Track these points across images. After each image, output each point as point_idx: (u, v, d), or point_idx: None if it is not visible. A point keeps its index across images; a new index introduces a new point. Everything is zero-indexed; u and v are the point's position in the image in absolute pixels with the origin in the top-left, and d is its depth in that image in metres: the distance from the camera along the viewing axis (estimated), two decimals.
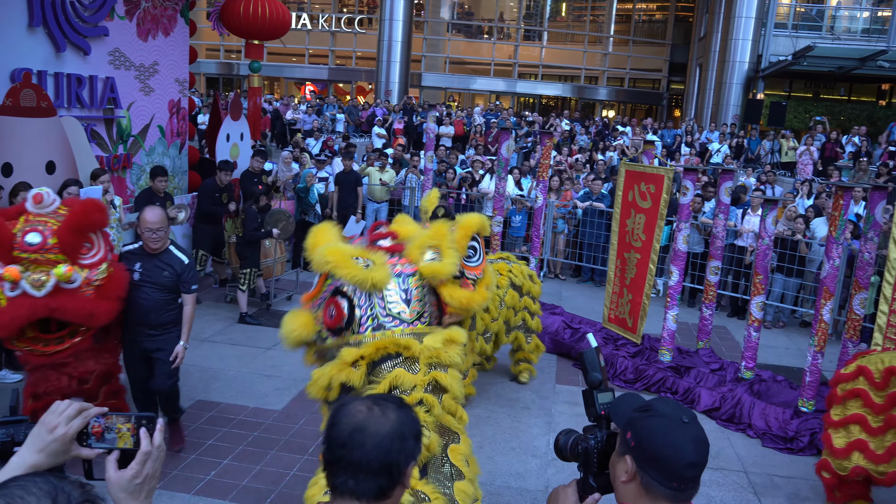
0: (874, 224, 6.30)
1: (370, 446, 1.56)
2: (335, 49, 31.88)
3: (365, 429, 1.57)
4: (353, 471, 1.56)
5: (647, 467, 1.64)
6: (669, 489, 1.63)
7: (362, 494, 1.57)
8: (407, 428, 1.63)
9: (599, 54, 33.05)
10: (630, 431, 1.70)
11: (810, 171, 16.22)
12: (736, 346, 8.56)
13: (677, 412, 1.67)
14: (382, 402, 1.65)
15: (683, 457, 1.61)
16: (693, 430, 1.65)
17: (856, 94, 27.18)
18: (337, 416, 1.61)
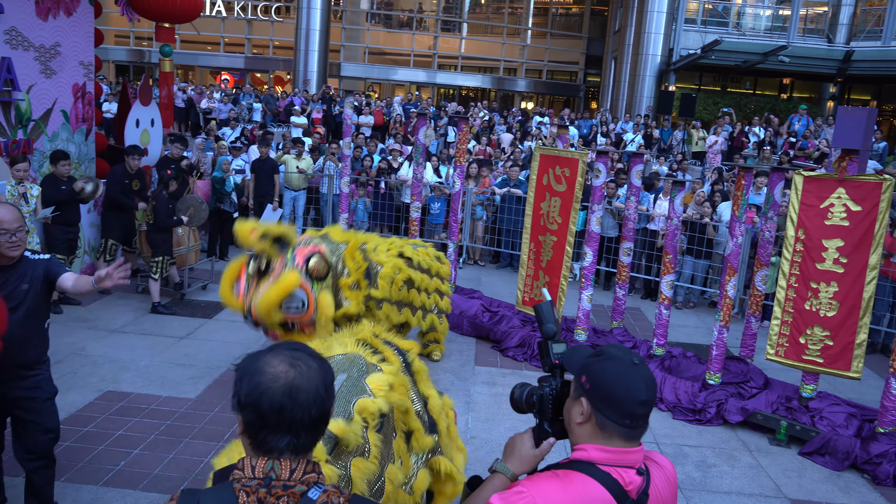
0: (774, 204, 6.60)
1: (310, 402, 1.56)
2: (251, 37, 31.19)
3: (299, 387, 1.56)
4: (295, 429, 1.56)
5: (603, 407, 1.73)
6: (623, 426, 1.73)
7: (302, 449, 1.59)
8: (329, 374, 1.66)
9: (518, 46, 33.44)
10: (585, 375, 1.78)
11: (719, 160, 16.88)
12: (649, 326, 8.84)
13: (628, 355, 1.78)
14: (299, 355, 1.63)
15: (636, 395, 1.71)
16: (643, 371, 1.76)
17: (760, 88, 28.41)
18: (259, 380, 1.56)
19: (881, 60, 23.78)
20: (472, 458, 5.20)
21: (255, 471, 1.56)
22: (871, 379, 7.41)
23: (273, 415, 1.54)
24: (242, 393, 1.57)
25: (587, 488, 1.69)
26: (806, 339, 5.84)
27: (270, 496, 1.53)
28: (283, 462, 1.56)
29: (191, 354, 6.83)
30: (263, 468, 1.55)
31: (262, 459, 1.56)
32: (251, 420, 1.56)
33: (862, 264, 5.56)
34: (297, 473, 1.57)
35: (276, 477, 1.55)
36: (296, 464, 1.57)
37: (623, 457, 1.74)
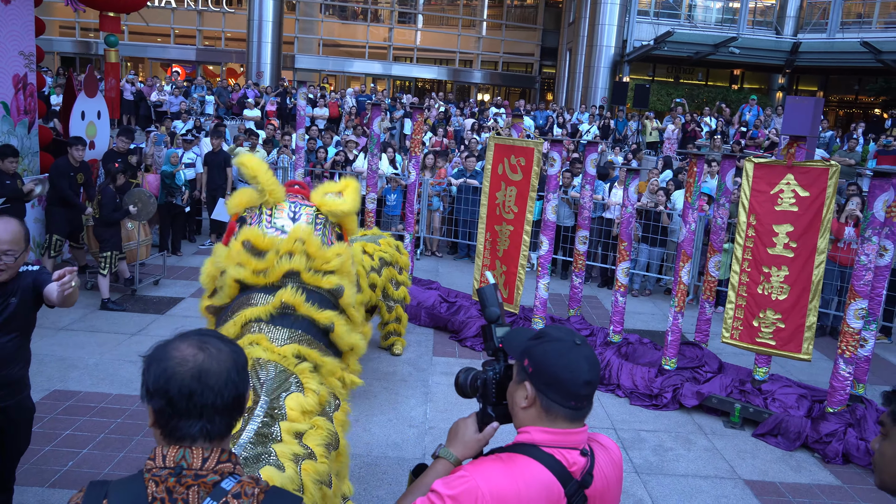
0: (725, 191, 6.69)
1: (221, 385, 1.52)
2: (203, 29, 30.62)
3: (209, 370, 1.52)
4: (207, 414, 1.52)
5: (546, 390, 1.71)
6: (568, 408, 1.71)
7: (216, 434, 1.54)
8: (241, 357, 1.62)
9: (473, 38, 33.43)
10: (527, 358, 1.75)
11: (675, 149, 17.13)
12: (605, 313, 8.91)
13: (570, 336, 1.75)
14: (207, 339, 1.59)
15: (579, 376, 1.69)
16: (586, 351, 1.74)
17: (712, 79, 28.89)
18: (165, 366, 1.52)
19: (827, 52, 24.38)
20: (430, 448, 5.17)
21: (166, 459, 1.50)
22: (821, 361, 7.57)
23: (182, 400, 1.49)
24: (150, 380, 1.52)
25: (530, 470, 1.68)
26: (759, 323, 5.93)
27: (180, 485, 1.48)
28: (195, 450, 1.51)
29: (143, 351, 6.64)
30: (174, 457, 1.50)
31: (174, 448, 1.51)
32: (160, 407, 1.51)
33: (811, 248, 5.66)
34: (210, 462, 1.52)
35: (187, 466, 1.50)
36: (209, 452, 1.53)
37: (567, 438, 1.73)
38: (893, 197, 5.55)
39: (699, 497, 4.85)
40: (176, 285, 8.85)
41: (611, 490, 1.81)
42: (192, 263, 9.92)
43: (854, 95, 27.87)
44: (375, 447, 5.14)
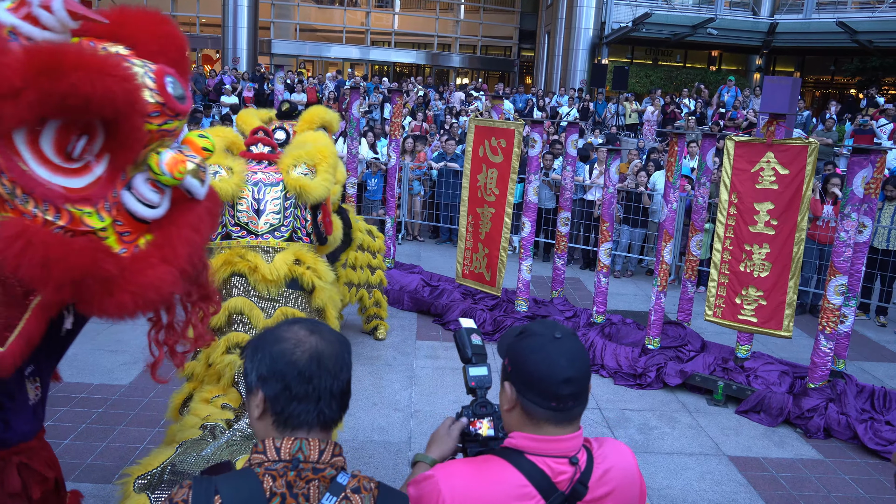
0: (706, 170, 6.71)
1: (337, 368, 1.50)
2: (177, 14, 30.15)
3: (324, 352, 1.49)
4: (325, 399, 1.48)
5: (525, 390, 1.58)
6: (549, 410, 1.57)
7: (331, 420, 1.51)
8: (346, 341, 1.58)
9: (451, 21, 33.25)
10: (507, 357, 1.65)
11: (655, 131, 17.21)
12: (588, 295, 8.93)
13: (550, 329, 1.61)
14: (312, 325, 1.56)
15: (557, 372, 1.54)
16: (567, 345, 1.58)
17: (690, 61, 28.99)
18: (282, 348, 1.47)
19: (803, 33, 24.53)
20: (417, 432, 5.17)
21: (281, 452, 1.44)
22: (802, 338, 7.65)
23: (302, 383, 1.45)
24: (265, 364, 1.47)
25: (503, 476, 1.56)
26: (741, 300, 5.97)
27: (300, 479, 1.42)
28: (312, 442, 1.46)
29: (123, 340, 6.57)
30: (290, 449, 1.44)
31: (288, 439, 1.45)
32: (277, 393, 1.45)
33: (791, 226, 5.69)
34: (327, 455, 1.47)
35: (304, 458, 1.44)
36: (325, 444, 1.47)
37: (553, 445, 1.58)
38: (872, 174, 5.59)
39: (684, 474, 4.89)
40: None
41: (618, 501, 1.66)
42: None
43: (830, 76, 28.08)
44: (361, 431, 5.12)
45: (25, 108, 1.76)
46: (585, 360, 1.60)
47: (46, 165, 1.88)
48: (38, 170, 1.87)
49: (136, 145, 2.02)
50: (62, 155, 1.92)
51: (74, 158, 1.95)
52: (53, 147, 1.89)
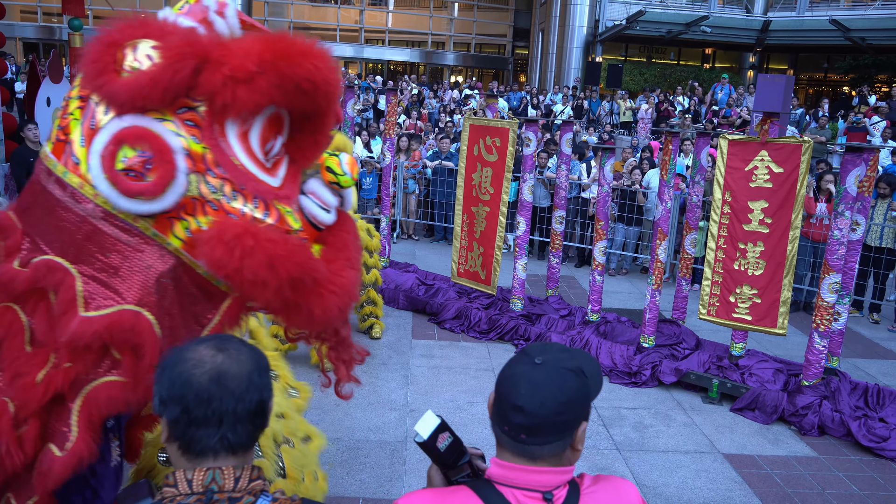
0: (700, 168, 6.72)
1: (242, 389, 1.39)
2: None
3: (228, 372, 1.39)
4: (228, 422, 1.37)
5: (494, 411, 1.48)
6: (501, 433, 1.45)
7: (239, 445, 1.40)
8: (263, 359, 1.48)
9: (445, 19, 33.21)
10: None
11: (649, 129, 17.23)
12: (583, 293, 8.94)
13: (539, 353, 1.47)
14: (226, 340, 1.46)
15: (511, 397, 1.42)
16: (539, 374, 1.42)
17: (684, 59, 29.03)
18: (181, 370, 1.39)
19: (796, 30, 24.58)
20: (412, 431, 5.17)
21: (193, 484, 1.35)
22: (796, 336, 7.67)
23: (200, 406, 1.36)
24: (164, 387, 1.39)
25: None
26: (735, 298, 5.99)
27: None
28: (226, 470, 1.37)
29: None
30: (203, 480, 1.36)
31: (200, 470, 1.37)
32: (176, 417, 1.37)
33: (785, 224, 5.71)
34: (243, 482, 1.38)
35: (218, 489, 1.35)
36: (240, 471, 1.39)
37: (521, 476, 1.43)
38: (865, 172, 5.61)
39: (680, 472, 4.90)
40: None
41: None
42: None
43: (823, 73, 28.17)
44: (357, 431, 5.12)
45: (259, 93, 1.77)
46: (554, 397, 1.40)
47: (254, 161, 1.87)
48: (248, 165, 1.85)
49: (323, 146, 2.03)
50: (263, 152, 1.91)
51: (269, 157, 1.94)
52: (260, 143, 1.88)
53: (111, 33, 1.83)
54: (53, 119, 1.98)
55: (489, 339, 7.08)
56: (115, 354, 1.87)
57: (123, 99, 1.75)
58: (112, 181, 1.77)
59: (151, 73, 1.75)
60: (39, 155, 1.96)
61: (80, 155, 1.83)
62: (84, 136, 1.83)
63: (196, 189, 1.80)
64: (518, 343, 6.94)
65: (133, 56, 1.81)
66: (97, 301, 1.85)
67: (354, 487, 4.42)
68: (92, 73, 1.80)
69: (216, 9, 1.98)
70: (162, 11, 2.00)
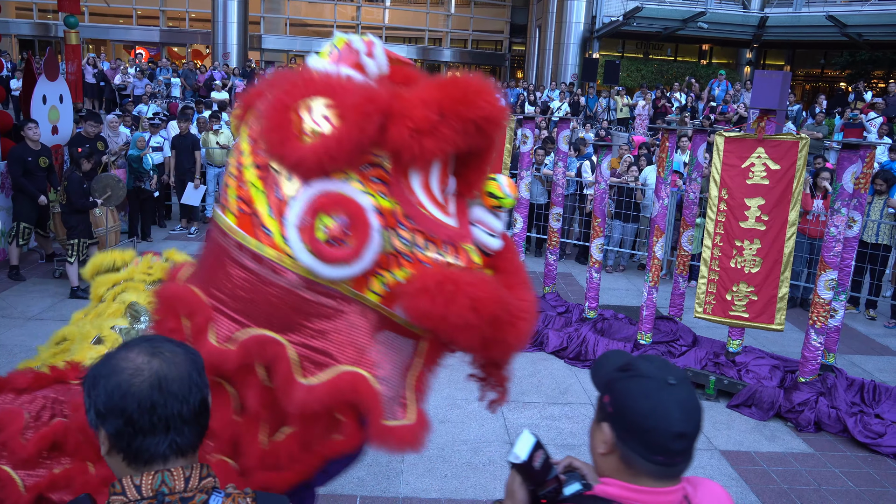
0: (697, 165, 6.73)
1: (185, 391, 1.36)
2: (166, 9, 30.00)
3: (168, 376, 1.35)
4: (175, 426, 1.36)
5: (628, 438, 1.41)
6: (653, 464, 1.40)
7: (187, 447, 1.39)
8: (199, 358, 1.45)
9: (442, 16, 33.17)
10: (608, 395, 1.47)
11: (646, 125, 17.23)
12: (580, 290, 8.95)
13: (663, 372, 1.44)
14: (157, 343, 1.42)
15: (668, 425, 1.38)
16: (681, 394, 1.41)
17: (681, 55, 29.01)
18: (118, 381, 1.34)
19: (793, 26, 24.56)
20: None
21: (142, 489, 1.33)
22: (792, 332, 7.69)
23: (144, 415, 1.32)
24: (100, 400, 1.34)
25: None
26: (732, 296, 6.00)
27: None
28: (175, 472, 1.35)
29: None
30: (152, 484, 1.33)
31: (148, 475, 1.34)
32: (118, 429, 1.33)
33: (782, 221, 5.72)
34: (194, 481, 1.36)
35: (169, 491, 1.33)
36: (189, 471, 1.37)
37: (652, 498, 1.42)
38: (861, 169, 5.62)
39: None
40: None
41: None
42: (163, 249, 9.75)
43: (820, 69, 28.17)
44: None
45: (445, 142, 1.78)
46: (700, 413, 1.43)
47: (437, 206, 1.88)
48: (434, 211, 1.86)
49: (486, 175, 2.05)
50: (442, 195, 1.93)
51: (446, 196, 1.96)
52: (440, 187, 1.90)
53: (282, 97, 1.82)
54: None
55: None
56: (338, 416, 1.90)
57: (311, 166, 1.76)
58: (315, 252, 1.78)
59: (337, 137, 1.74)
60: (220, 225, 1.94)
61: (271, 227, 1.83)
62: (272, 207, 1.83)
63: (390, 244, 1.82)
64: None
65: (310, 118, 1.80)
66: (313, 367, 1.87)
67: (352, 485, 4.43)
68: (273, 142, 1.80)
69: (366, 50, 2.01)
70: (311, 59, 2.03)
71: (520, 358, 6.66)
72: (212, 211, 2.03)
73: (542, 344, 6.83)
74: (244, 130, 1.97)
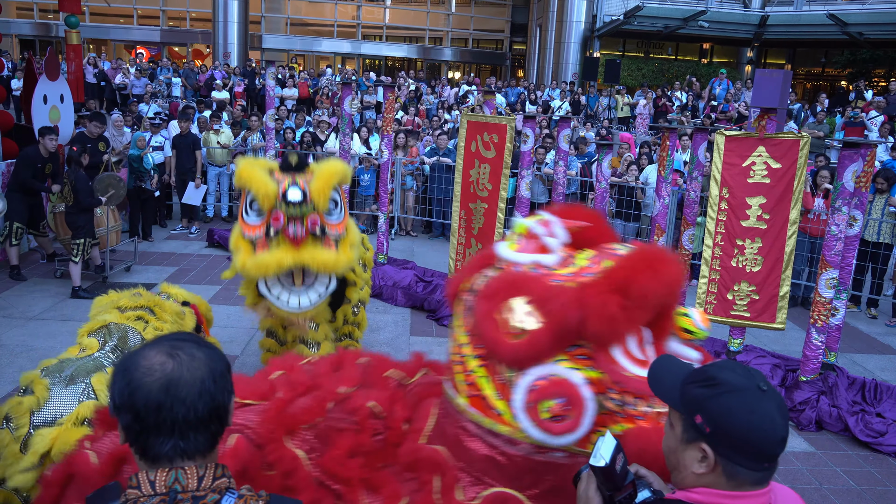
0: (698, 164, 6.72)
1: (193, 397, 1.37)
2: (166, 9, 30.00)
3: (178, 379, 1.37)
4: (180, 430, 1.37)
5: (733, 454, 1.41)
6: (760, 471, 1.42)
7: (196, 452, 1.39)
8: (219, 364, 1.45)
9: (443, 15, 33.15)
10: (700, 415, 1.44)
11: (647, 125, 17.22)
12: None
13: (750, 379, 1.43)
14: (180, 344, 1.44)
15: (776, 433, 1.40)
16: (775, 397, 1.42)
17: (682, 54, 28.98)
18: (130, 377, 1.37)
19: (794, 25, 24.53)
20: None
21: (156, 485, 1.35)
22: (793, 331, 7.69)
23: (150, 414, 1.35)
24: (115, 393, 1.38)
25: None
26: (733, 295, 6.00)
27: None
28: (189, 470, 1.37)
29: None
30: (165, 481, 1.36)
31: (163, 471, 1.36)
32: (128, 423, 1.37)
33: (783, 219, 5.72)
34: (207, 480, 1.38)
35: (181, 489, 1.35)
36: (203, 470, 1.39)
37: (749, 502, 1.44)
38: (862, 167, 5.62)
39: None
40: (148, 271, 8.73)
41: None
42: (164, 249, 9.79)
43: (821, 68, 28.14)
44: None
45: (641, 319, 2.08)
46: (788, 414, 1.50)
47: (638, 364, 2.11)
48: (636, 370, 2.09)
49: (673, 320, 2.28)
50: (642, 351, 2.19)
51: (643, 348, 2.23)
52: (639, 348, 2.14)
53: (484, 303, 2.21)
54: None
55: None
56: None
57: (523, 359, 2.11)
58: (542, 429, 2.12)
59: (542, 333, 2.08)
60: (454, 405, 2.35)
61: (500, 407, 2.21)
62: (497, 390, 2.21)
63: (603, 406, 2.12)
64: None
65: (516, 318, 2.15)
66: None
67: None
68: (488, 344, 2.17)
69: (545, 231, 2.31)
70: (501, 249, 2.39)
71: None
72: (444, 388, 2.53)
73: None
74: (458, 322, 2.42)
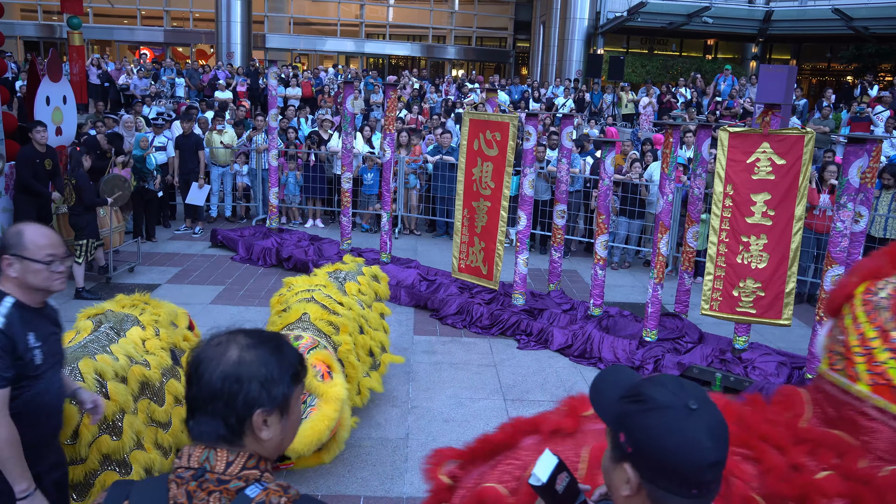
0: (702, 161, 6.68)
1: (209, 376, 1.40)
2: (170, 9, 30.04)
3: (206, 360, 1.41)
4: (193, 409, 1.42)
5: (655, 477, 1.27)
6: (688, 498, 1.27)
7: (202, 436, 1.42)
8: (248, 370, 1.41)
9: (446, 13, 33.13)
10: (623, 433, 1.32)
11: (651, 120, 17.16)
12: (585, 287, 8.91)
13: (680, 396, 1.29)
14: (237, 333, 1.46)
15: (701, 457, 1.24)
16: (706, 418, 1.26)
17: (686, 50, 28.90)
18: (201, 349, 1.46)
19: (799, 20, 24.45)
20: (414, 428, 5.16)
21: (191, 459, 1.40)
22: (799, 328, 7.64)
23: (189, 388, 1.44)
24: None
25: None
26: (739, 292, 5.95)
27: (201, 490, 1.36)
28: (219, 452, 1.40)
29: None
30: (199, 457, 1.40)
31: (199, 448, 1.41)
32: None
33: (788, 215, 5.67)
34: (235, 467, 1.39)
35: (210, 468, 1.38)
36: (234, 456, 1.40)
37: None
38: (867, 163, 5.57)
39: None
40: (152, 272, 8.73)
41: None
42: (168, 249, 9.79)
43: (826, 63, 28.02)
44: (358, 427, 5.10)
45: None
46: (727, 433, 1.29)
47: None
48: None
49: None
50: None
51: None
52: None
53: None
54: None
55: (491, 335, 7.06)
56: None
57: None
58: None
59: None
60: (846, 389, 2.50)
61: None
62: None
63: None
64: (520, 338, 6.91)
65: None
66: None
67: (355, 485, 4.41)
68: None
69: None
70: None
71: (525, 356, 6.64)
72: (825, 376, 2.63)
73: (546, 342, 6.80)
74: (862, 315, 2.54)
